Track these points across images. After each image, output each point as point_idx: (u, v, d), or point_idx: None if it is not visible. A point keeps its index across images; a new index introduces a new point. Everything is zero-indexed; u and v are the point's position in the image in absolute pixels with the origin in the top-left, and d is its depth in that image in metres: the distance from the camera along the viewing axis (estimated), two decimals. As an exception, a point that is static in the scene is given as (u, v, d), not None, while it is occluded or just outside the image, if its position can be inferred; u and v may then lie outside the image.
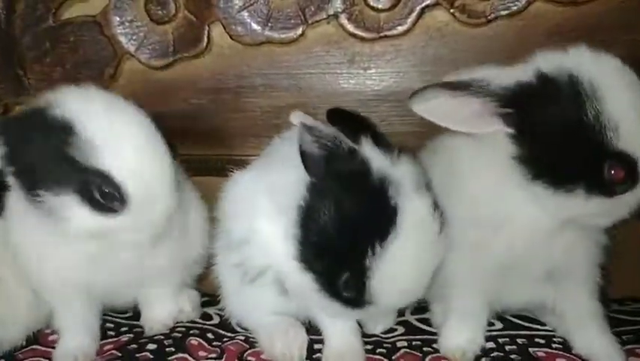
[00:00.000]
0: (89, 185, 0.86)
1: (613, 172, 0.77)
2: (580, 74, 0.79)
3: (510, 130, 0.83)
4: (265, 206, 0.94)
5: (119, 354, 1.02)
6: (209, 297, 1.21)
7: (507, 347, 1.00)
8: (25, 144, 0.89)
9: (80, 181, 0.86)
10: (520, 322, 1.08)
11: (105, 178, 0.85)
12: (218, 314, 1.17)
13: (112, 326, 1.14)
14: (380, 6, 1.15)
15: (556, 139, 0.80)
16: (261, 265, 0.99)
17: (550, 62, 0.83)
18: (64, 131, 0.86)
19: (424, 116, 0.86)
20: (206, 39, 1.21)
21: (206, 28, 1.21)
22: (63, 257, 0.96)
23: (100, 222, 0.88)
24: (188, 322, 1.15)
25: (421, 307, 1.13)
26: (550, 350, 0.98)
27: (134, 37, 1.23)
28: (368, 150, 0.83)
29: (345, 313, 0.87)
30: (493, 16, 1.13)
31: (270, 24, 1.19)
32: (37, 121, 0.89)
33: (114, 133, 0.87)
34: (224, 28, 1.21)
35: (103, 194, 0.86)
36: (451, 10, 1.13)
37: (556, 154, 0.80)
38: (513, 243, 0.88)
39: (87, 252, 0.95)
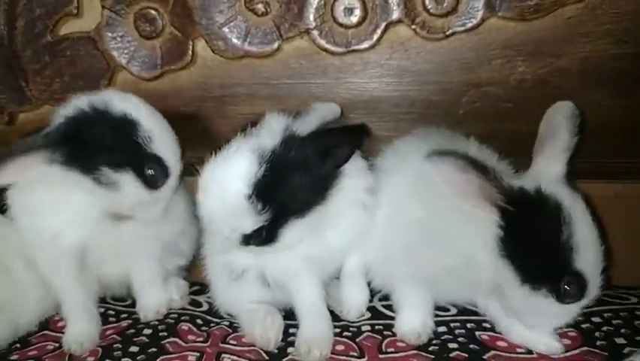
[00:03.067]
0: (145, 165, 1.04)
1: (568, 288, 0.91)
2: (563, 204, 0.91)
3: (501, 222, 0.92)
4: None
5: (119, 338, 1.11)
6: (200, 285, 1.30)
7: (457, 331, 1.08)
8: (93, 129, 1.03)
9: (139, 161, 1.04)
10: (473, 308, 1.14)
11: (159, 161, 1.06)
12: (207, 302, 1.26)
13: (113, 313, 1.23)
14: (348, 23, 1.20)
15: (537, 246, 0.91)
16: (244, 264, 1.08)
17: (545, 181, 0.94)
18: (130, 123, 1.04)
19: (437, 177, 0.90)
20: (190, 53, 1.26)
21: (191, 43, 1.26)
22: (64, 213, 1.07)
23: (145, 194, 1.06)
24: (180, 309, 1.23)
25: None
26: (493, 334, 1.06)
27: (125, 52, 1.28)
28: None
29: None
30: (450, 31, 1.18)
31: (248, 39, 1.23)
32: (101, 113, 1.04)
33: (160, 128, 1.07)
34: (207, 43, 1.25)
35: (154, 173, 1.05)
36: (413, 27, 1.18)
37: (532, 258, 0.92)
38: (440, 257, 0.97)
39: (89, 211, 1.07)
